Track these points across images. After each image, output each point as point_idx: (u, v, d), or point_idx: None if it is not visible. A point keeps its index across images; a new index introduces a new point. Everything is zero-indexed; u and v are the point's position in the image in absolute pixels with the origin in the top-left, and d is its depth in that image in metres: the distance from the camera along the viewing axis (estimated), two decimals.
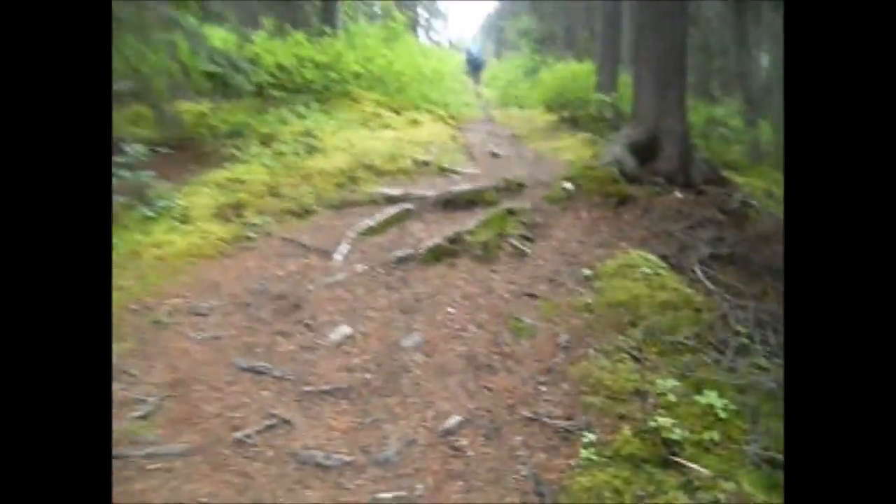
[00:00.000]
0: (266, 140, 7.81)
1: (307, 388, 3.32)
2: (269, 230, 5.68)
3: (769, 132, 11.78)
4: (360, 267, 4.87)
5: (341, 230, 5.69)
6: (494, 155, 9.06)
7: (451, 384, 3.32)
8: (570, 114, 11.06)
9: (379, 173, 7.21)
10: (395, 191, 6.50)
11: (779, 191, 7.55)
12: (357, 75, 11.81)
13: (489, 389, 3.26)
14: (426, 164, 7.65)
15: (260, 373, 3.45)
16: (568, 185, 5.87)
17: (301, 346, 3.74)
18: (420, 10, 42.88)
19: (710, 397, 3.07)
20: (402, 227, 5.73)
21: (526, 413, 3.05)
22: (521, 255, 4.92)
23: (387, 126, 9.82)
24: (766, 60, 21.02)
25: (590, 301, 4.05)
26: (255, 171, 6.82)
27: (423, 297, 4.30)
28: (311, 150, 7.58)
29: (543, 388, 3.23)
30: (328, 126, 8.59)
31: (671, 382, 3.14)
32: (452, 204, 6.20)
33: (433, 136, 9.42)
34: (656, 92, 6.07)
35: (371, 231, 5.61)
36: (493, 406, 3.13)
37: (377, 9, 25.50)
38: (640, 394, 3.15)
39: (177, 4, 8.17)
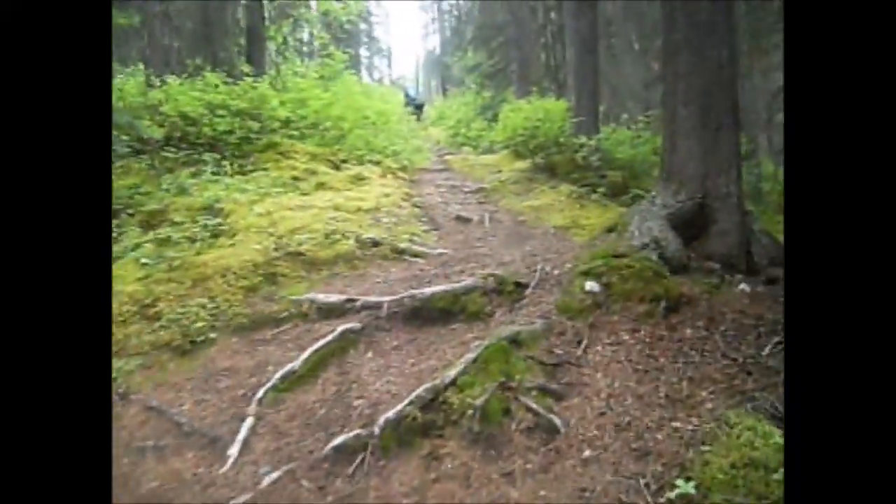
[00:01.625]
0: (151, 221, 5.64)
1: None
2: (129, 387, 3.50)
3: (769, 167, 10.29)
4: (268, 476, 2.76)
5: (245, 381, 3.57)
6: (462, 220, 7.11)
7: None
8: (545, 160, 9.26)
9: (310, 264, 5.11)
10: (332, 295, 4.42)
11: None
12: (286, 122, 9.77)
13: None
14: (376, 243, 5.61)
15: None
16: (592, 286, 3.92)
17: None
18: (361, 50, 41.33)
19: None
20: (343, 369, 3.64)
21: None
22: (549, 431, 2.91)
23: (323, 187, 7.76)
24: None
25: None
26: (127, 275, 4.63)
27: None
28: (216, 234, 5.44)
29: None
30: (244, 194, 6.47)
31: None
32: (419, 317, 4.16)
33: (382, 197, 7.42)
34: (702, 138, 4.25)
35: (292, 381, 3.51)
36: None
37: (315, 46, 23.60)
38: None
39: None
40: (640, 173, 8.57)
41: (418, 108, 21.16)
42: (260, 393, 3.36)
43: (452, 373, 3.26)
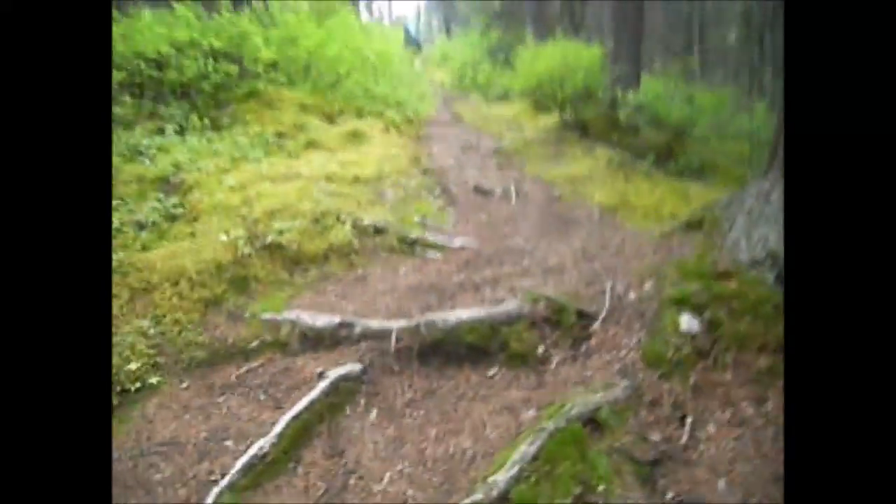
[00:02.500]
0: None
1: None
2: None
3: None
4: None
5: (191, 467, 2.43)
6: (483, 192, 5.87)
7: None
8: (574, 115, 7.92)
9: (294, 262, 3.92)
10: (320, 316, 3.24)
11: None
12: (273, 65, 8.36)
13: None
14: (378, 230, 4.40)
15: None
16: (690, 324, 2.75)
17: None
18: None
19: None
20: (336, 447, 2.51)
21: None
22: None
23: (314, 146, 6.48)
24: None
25: None
26: None
27: None
28: (171, 218, 4.21)
29: None
30: (213, 158, 5.19)
31: None
32: (441, 354, 3.00)
33: (385, 160, 6.15)
34: None
35: (259, 472, 2.37)
36: None
37: None
38: None
39: None
40: (691, 137, 7.29)
41: (416, 45, 19.54)
42: (211, 497, 2.23)
43: (501, 478, 2.12)
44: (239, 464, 2.35)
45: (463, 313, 3.11)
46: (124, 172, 4.67)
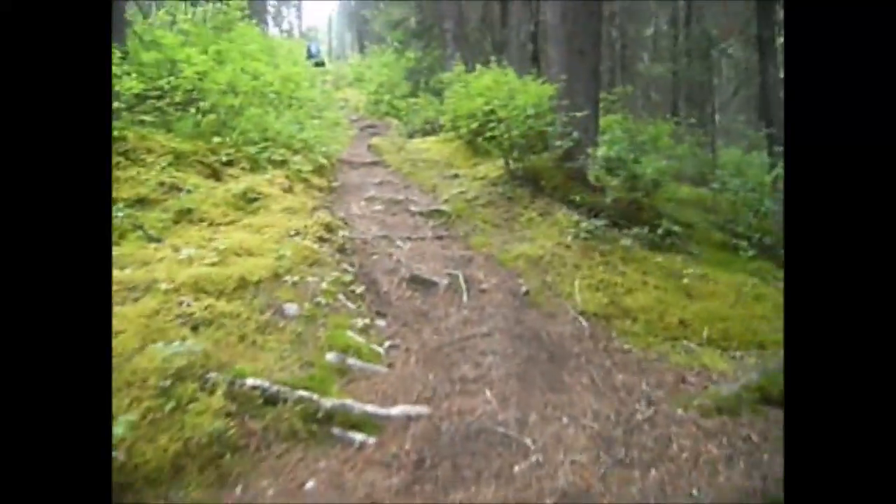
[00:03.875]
0: None
1: None
2: None
3: None
4: None
5: None
6: (423, 284, 4.34)
7: None
8: (523, 165, 6.56)
9: (121, 482, 2.22)
10: None
11: None
12: (141, 99, 6.53)
13: None
14: (272, 399, 2.76)
15: None
16: None
17: None
18: None
19: None
20: None
21: None
22: None
23: (188, 218, 4.76)
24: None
25: None
26: None
27: None
28: None
29: None
30: None
31: None
32: None
33: (286, 238, 4.52)
34: None
35: None
36: None
37: None
38: None
39: None
40: (662, 192, 6.11)
41: (318, 65, 17.79)
42: None
43: None
44: None
45: None
46: None
